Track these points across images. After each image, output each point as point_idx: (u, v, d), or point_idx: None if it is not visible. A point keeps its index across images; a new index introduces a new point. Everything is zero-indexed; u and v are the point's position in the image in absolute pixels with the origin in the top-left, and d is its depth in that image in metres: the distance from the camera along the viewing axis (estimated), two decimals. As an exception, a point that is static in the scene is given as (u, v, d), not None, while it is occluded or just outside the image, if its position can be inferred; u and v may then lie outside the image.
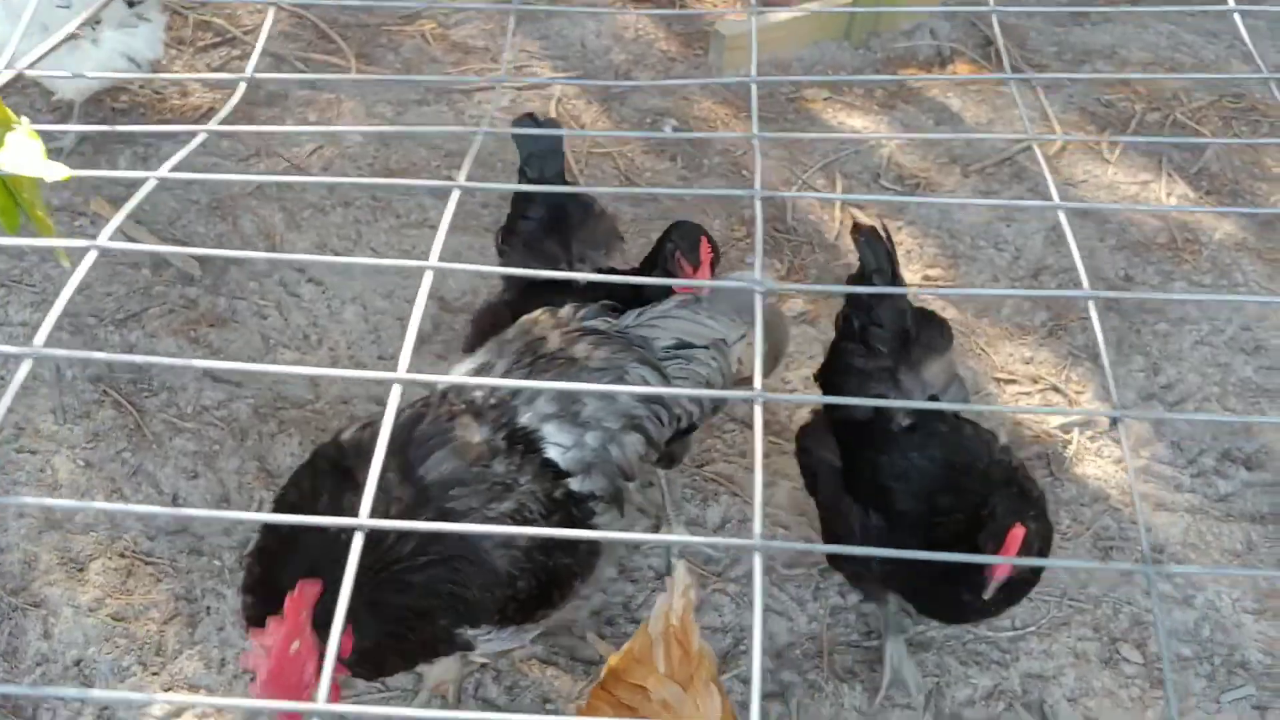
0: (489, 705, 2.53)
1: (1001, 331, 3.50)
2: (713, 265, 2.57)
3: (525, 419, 2.23)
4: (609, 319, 2.40)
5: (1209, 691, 2.75)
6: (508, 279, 2.92)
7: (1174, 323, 3.53)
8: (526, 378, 2.27)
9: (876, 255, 2.62)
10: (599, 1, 4.48)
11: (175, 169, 1.22)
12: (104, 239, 0.98)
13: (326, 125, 3.92)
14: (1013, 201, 3.84)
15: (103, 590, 2.78)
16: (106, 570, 2.81)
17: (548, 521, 2.17)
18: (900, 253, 3.68)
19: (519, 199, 2.91)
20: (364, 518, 0.87)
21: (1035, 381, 3.37)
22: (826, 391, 2.71)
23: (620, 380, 2.30)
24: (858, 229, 2.69)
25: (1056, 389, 3.35)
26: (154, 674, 2.64)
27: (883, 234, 2.64)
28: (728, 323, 2.47)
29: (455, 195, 1.19)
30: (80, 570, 2.81)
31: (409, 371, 0.98)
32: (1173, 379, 3.39)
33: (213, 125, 1.29)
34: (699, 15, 4.51)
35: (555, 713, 2.60)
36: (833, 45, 4.41)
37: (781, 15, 4.33)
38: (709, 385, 2.42)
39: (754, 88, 1.32)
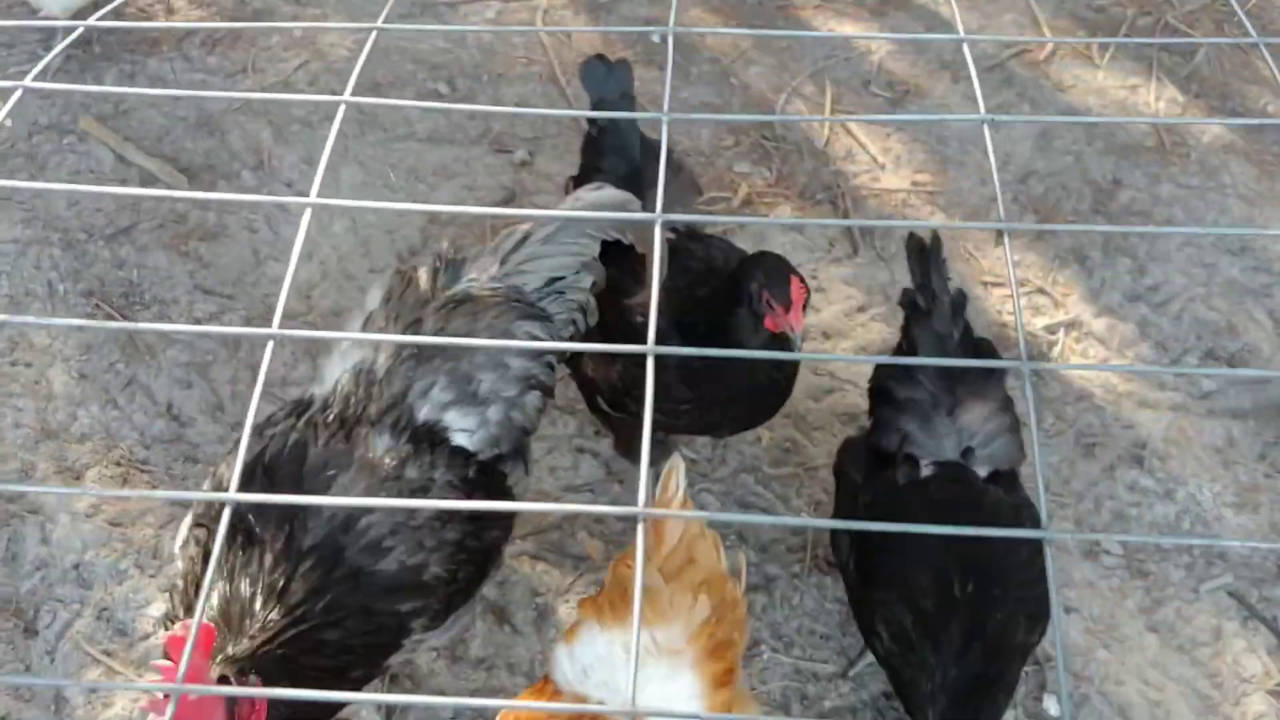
0: (481, 600, 2.57)
1: (988, 235, 3.51)
2: (805, 305, 2.32)
3: (424, 414, 2.14)
4: (472, 276, 2.29)
5: (1187, 581, 2.80)
6: None
7: (1160, 224, 3.54)
8: (414, 369, 2.15)
9: (923, 270, 2.45)
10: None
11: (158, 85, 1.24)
12: (30, 80, 0.98)
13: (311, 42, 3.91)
14: (924, 117, 3.83)
15: (98, 498, 2.83)
16: (103, 478, 2.86)
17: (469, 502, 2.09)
18: (889, 158, 3.70)
19: (590, 149, 2.80)
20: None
21: (1022, 285, 3.38)
22: (872, 409, 2.48)
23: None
24: (912, 239, 2.52)
25: (1043, 291, 3.37)
26: (151, 576, 2.69)
27: (929, 247, 2.47)
28: (589, 241, 2.36)
29: (342, 110, 1.20)
30: (77, 479, 2.86)
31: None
32: (1158, 280, 3.41)
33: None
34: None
35: (545, 607, 2.66)
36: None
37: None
38: (584, 307, 2.36)
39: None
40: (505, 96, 3.83)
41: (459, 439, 2.15)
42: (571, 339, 2.34)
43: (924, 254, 2.47)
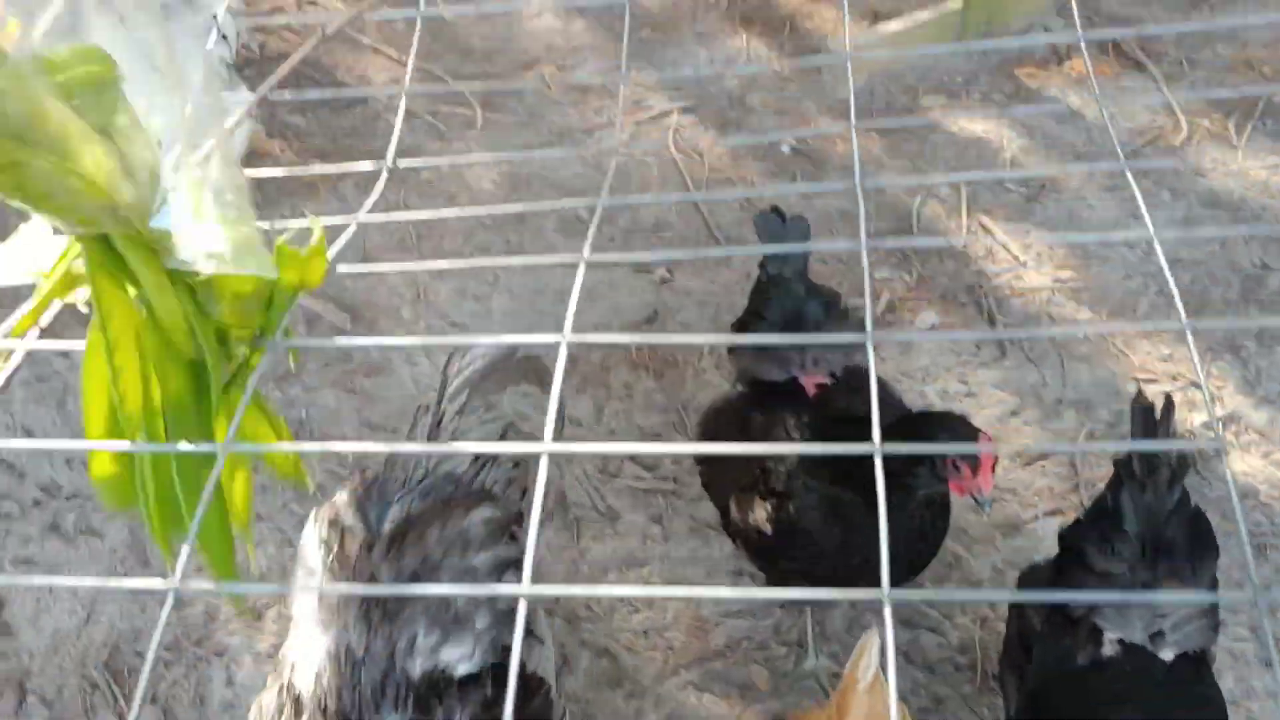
0: (652, 730, 2.62)
1: (1137, 331, 3.48)
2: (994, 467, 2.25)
3: (419, 668, 1.99)
4: (400, 495, 2.18)
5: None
6: (742, 377, 2.83)
7: (1318, 309, 3.47)
8: (391, 627, 2.00)
9: (1146, 433, 2.29)
10: (711, 30, 4.57)
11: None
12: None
13: (454, 191, 4.08)
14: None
15: (279, 637, 2.96)
16: (282, 618, 2.99)
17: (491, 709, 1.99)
18: (1030, 255, 3.70)
19: (756, 295, 2.83)
20: None
21: (1175, 379, 3.34)
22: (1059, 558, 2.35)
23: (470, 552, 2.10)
24: (1140, 399, 2.33)
25: (1197, 385, 3.32)
26: (337, 712, 2.80)
27: (1157, 408, 2.30)
28: (500, 397, 2.29)
29: (582, 268, 1.28)
30: (258, 619, 3.00)
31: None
32: (1319, 368, 3.34)
33: (362, 215, 1.39)
34: (809, 36, 4.57)
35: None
36: (946, 50, 4.42)
37: (892, 26, 4.35)
38: (519, 461, 2.27)
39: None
40: (643, 217, 3.94)
41: (461, 669, 2.01)
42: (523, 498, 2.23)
43: (1149, 415, 2.30)
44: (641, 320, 3.60)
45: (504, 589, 1.93)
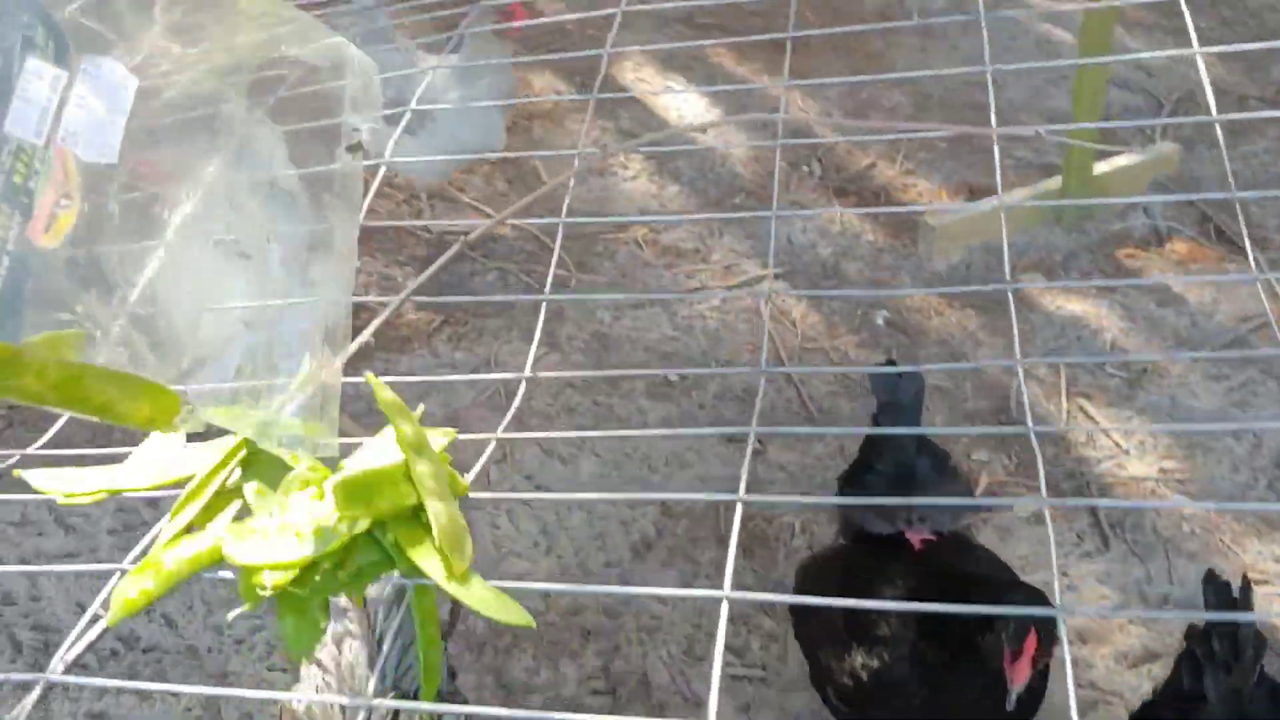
0: None
1: (1247, 528, 3.34)
2: (1034, 661, 2.17)
3: None
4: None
5: None
6: (845, 529, 2.85)
7: None
8: None
9: (1223, 612, 2.25)
10: (805, 200, 4.59)
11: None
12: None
13: (551, 333, 4.08)
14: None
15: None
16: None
17: None
18: (1132, 443, 3.59)
19: (866, 448, 2.84)
20: None
21: (1288, 581, 3.19)
22: None
23: None
24: (1212, 577, 2.28)
25: (1314, 590, 3.17)
26: None
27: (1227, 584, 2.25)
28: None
29: (740, 509, 1.23)
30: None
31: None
32: None
33: (500, 433, 1.36)
34: (906, 209, 4.57)
35: None
36: (1044, 229, 4.39)
37: (990, 202, 4.34)
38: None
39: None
40: (733, 383, 3.90)
41: None
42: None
43: (1225, 593, 2.25)
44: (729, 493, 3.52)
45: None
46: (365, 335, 1.35)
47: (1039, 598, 2.28)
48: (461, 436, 1.17)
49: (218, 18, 1.00)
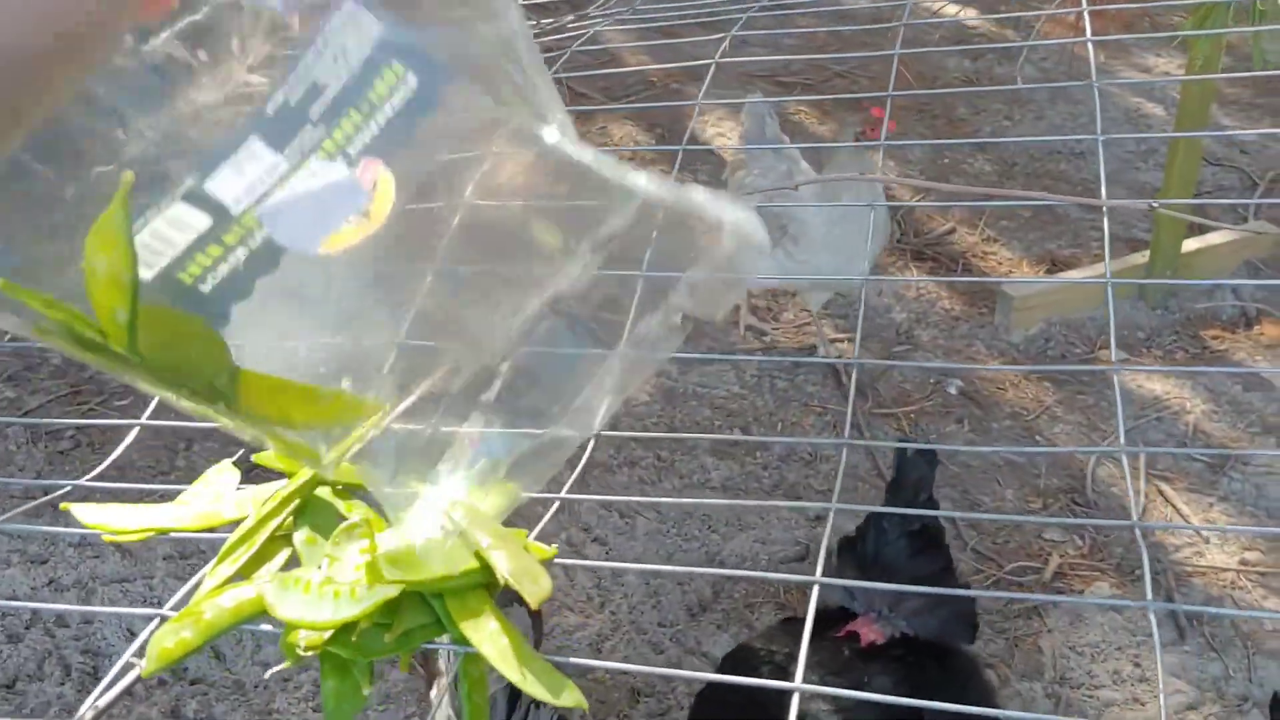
0: None
1: (1334, 627, 3.19)
2: None
3: None
4: None
5: None
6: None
7: None
8: None
9: None
10: (880, 264, 4.52)
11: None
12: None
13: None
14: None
15: None
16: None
17: None
18: (1213, 532, 3.45)
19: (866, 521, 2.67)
20: None
21: (1379, 689, 3.03)
22: None
23: None
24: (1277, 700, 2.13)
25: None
26: None
27: None
28: None
29: (815, 591, 1.16)
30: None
31: None
32: None
33: (565, 494, 1.29)
34: (985, 279, 4.48)
35: None
36: (1127, 305, 4.27)
37: (1072, 275, 4.24)
38: None
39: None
40: (800, 446, 3.82)
41: None
42: None
43: None
44: (791, 558, 3.44)
45: None
46: (430, 382, 1.30)
47: None
48: (526, 496, 1.12)
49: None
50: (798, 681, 0.90)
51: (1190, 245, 4.28)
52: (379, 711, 3.10)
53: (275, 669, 0.98)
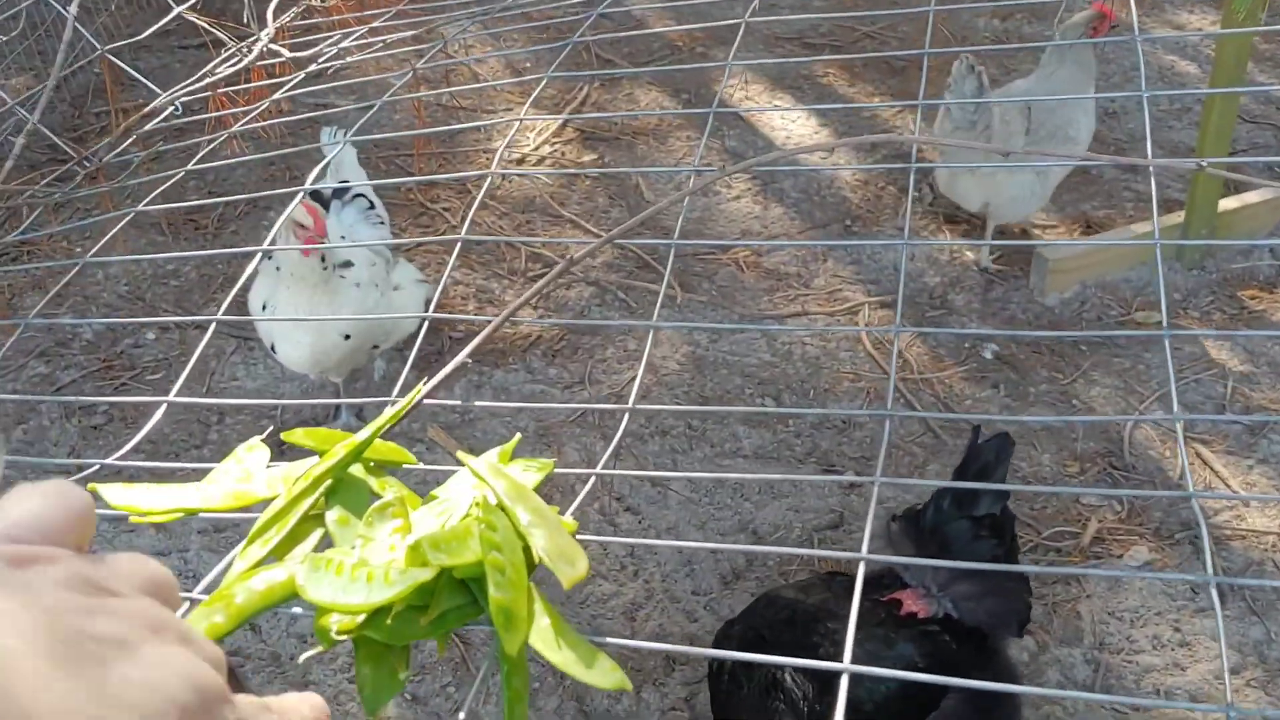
0: None
1: (1378, 591, 3.14)
2: None
3: None
4: None
5: None
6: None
7: None
8: None
9: None
10: (913, 227, 4.46)
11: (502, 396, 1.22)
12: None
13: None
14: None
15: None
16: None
17: None
18: (1255, 493, 3.41)
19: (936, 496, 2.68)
20: None
21: None
22: None
23: None
24: None
25: None
26: None
27: None
28: None
29: (863, 568, 1.13)
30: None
31: None
32: None
33: (600, 469, 1.28)
34: (1022, 242, 4.42)
35: None
36: (1163, 265, 4.20)
37: (1113, 237, 4.18)
38: None
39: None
40: (833, 414, 3.78)
41: None
42: None
43: None
44: (825, 526, 3.42)
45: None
46: (464, 355, 1.28)
47: None
48: (559, 471, 1.09)
49: None
50: (846, 662, 0.88)
51: (1226, 204, 4.20)
52: (414, 682, 3.10)
53: (309, 653, 0.96)
